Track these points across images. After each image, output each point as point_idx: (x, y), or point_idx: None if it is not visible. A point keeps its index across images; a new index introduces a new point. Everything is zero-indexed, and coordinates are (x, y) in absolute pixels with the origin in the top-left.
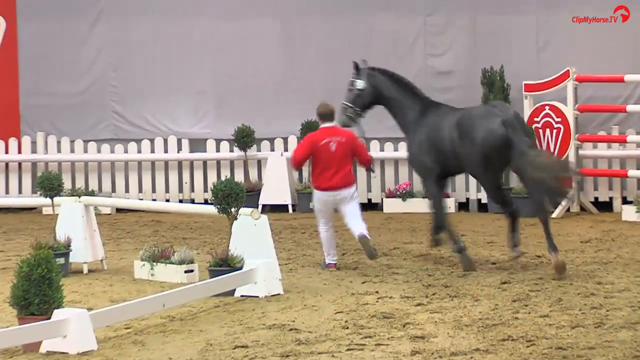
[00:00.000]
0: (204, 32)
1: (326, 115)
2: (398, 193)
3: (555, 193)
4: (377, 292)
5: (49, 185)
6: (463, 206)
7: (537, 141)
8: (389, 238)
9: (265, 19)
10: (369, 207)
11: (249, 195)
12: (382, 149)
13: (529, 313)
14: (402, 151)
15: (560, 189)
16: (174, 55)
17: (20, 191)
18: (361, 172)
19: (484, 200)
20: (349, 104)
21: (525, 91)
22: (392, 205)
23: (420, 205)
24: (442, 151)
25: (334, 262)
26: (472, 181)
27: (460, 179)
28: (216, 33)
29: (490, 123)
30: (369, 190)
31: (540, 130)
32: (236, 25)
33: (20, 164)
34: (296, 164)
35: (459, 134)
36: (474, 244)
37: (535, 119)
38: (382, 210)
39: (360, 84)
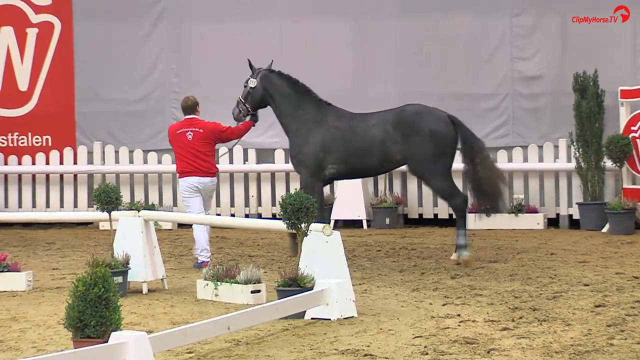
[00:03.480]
0: (270, 34)
1: (186, 107)
2: (482, 208)
3: (498, 199)
4: (459, 315)
5: (107, 198)
6: (552, 222)
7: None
8: (472, 257)
9: (336, 19)
10: (449, 223)
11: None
12: None
13: (626, 339)
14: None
15: (501, 197)
16: (239, 59)
17: (75, 205)
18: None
19: (576, 215)
20: (242, 100)
21: (621, 98)
22: (475, 221)
23: (507, 221)
24: (358, 152)
25: (207, 260)
26: (563, 196)
27: (549, 194)
28: (283, 35)
29: (439, 118)
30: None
31: (638, 141)
32: (305, 26)
33: (75, 175)
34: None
35: (403, 132)
36: (564, 263)
37: (632, 128)
38: None
39: (252, 82)
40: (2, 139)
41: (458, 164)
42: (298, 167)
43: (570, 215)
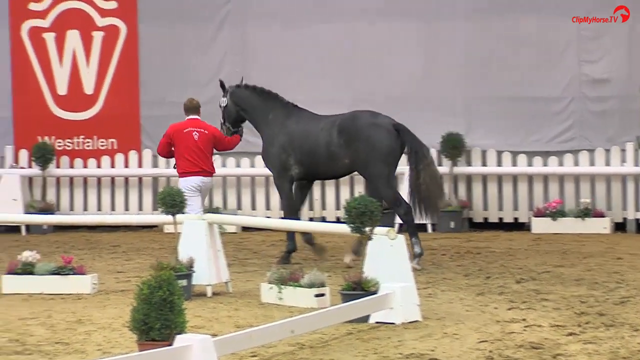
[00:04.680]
0: (336, 37)
1: (191, 107)
2: (547, 212)
3: (436, 206)
4: (524, 319)
5: (171, 201)
6: (619, 227)
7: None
8: (538, 261)
9: (403, 22)
10: (515, 227)
11: (385, 213)
12: (530, 164)
13: None
14: (553, 166)
15: (440, 204)
16: (304, 62)
17: (140, 208)
18: (505, 189)
19: None
20: (221, 120)
21: None
22: (541, 225)
23: (573, 225)
24: (310, 154)
25: None
26: (630, 200)
27: (616, 198)
28: (349, 38)
29: (383, 124)
30: (516, 208)
31: None
32: (372, 28)
33: (140, 178)
34: (160, 150)
35: (345, 136)
36: (632, 267)
37: None
38: (530, 230)
39: (223, 101)
40: (68, 142)
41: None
42: (268, 168)
43: (638, 220)
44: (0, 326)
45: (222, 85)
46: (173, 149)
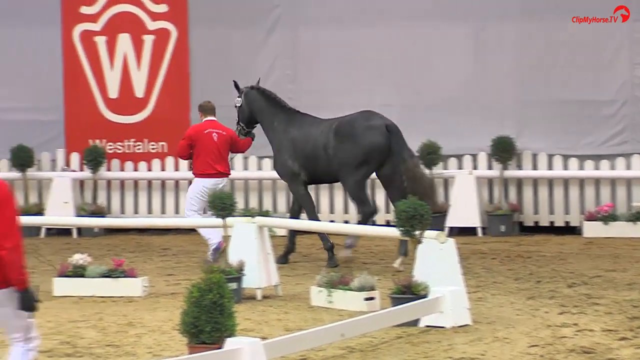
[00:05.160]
0: (386, 40)
1: (208, 109)
2: (599, 215)
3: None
4: (575, 324)
5: (221, 204)
6: None
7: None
8: (590, 265)
9: (452, 24)
10: (566, 230)
11: (435, 217)
12: (581, 167)
13: None
14: (605, 169)
15: (432, 202)
16: (354, 65)
17: None
18: (556, 192)
19: None
20: (237, 119)
21: None
22: (592, 229)
23: (625, 229)
24: (311, 158)
25: (219, 240)
26: None
27: None
28: (399, 40)
29: (373, 128)
30: (567, 212)
31: None
32: (421, 31)
33: (191, 182)
34: (180, 152)
35: (338, 139)
36: None
37: None
38: (581, 234)
39: (238, 101)
40: (119, 145)
41: None
42: (281, 177)
43: None
44: (51, 329)
45: (236, 85)
46: (192, 150)
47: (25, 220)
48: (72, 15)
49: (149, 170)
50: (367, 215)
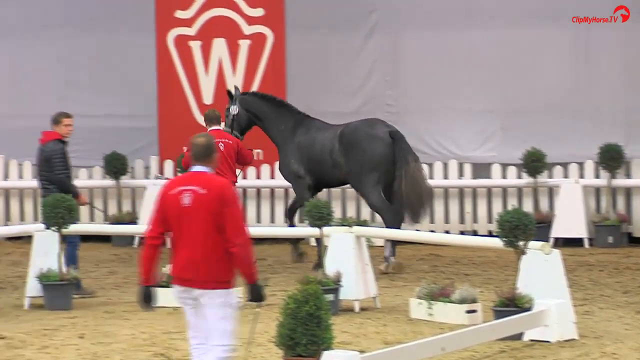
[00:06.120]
0: (487, 44)
1: (214, 118)
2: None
3: (417, 212)
4: None
5: (318, 214)
6: None
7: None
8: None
9: (557, 27)
10: None
11: (539, 227)
12: None
13: None
14: None
15: (423, 210)
16: (455, 70)
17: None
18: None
19: None
20: (229, 130)
21: None
22: None
23: None
24: (316, 162)
25: None
26: None
27: None
28: (501, 44)
29: (376, 136)
30: None
31: None
32: (525, 35)
33: (286, 189)
34: (184, 162)
35: (344, 146)
36: None
37: None
38: None
39: (234, 109)
40: None
41: None
42: (285, 179)
43: None
44: (145, 340)
45: (229, 93)
46: None
47: (118, 229)
48: (167, 20)
49: (244, 178)
50: (392, 222)
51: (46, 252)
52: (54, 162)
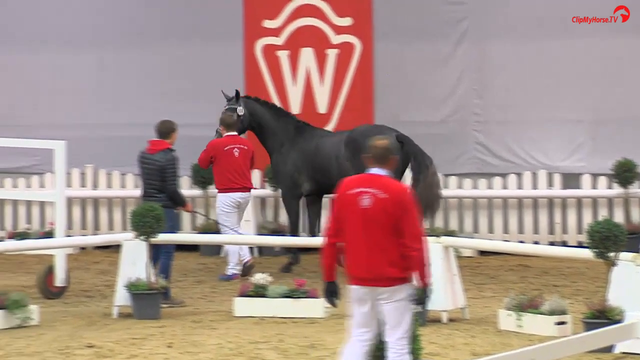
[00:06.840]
0: (576, 53)
1: (231, 124)
2: None
3: (431, 214)
4: None
5: None
6: None
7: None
8: None
9: None
10: None
11: (630, 238)
12: None
13: None
14: None
15: (429, 214)
16: (543, 79)
17: None
18: None
19: None
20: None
21: None
22: None
23: None
24: (321, 168)
25: (237, 272)
26: None
27: None
28: (590, 53)
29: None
30: None
31: None
32: (612, 43)
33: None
34: (200, 163)
35: (351, 150)
36: None
37: None
38: None
39: (240, 110)
40: None
41: None
42: (278, 186)
43: None
44: (232, 349)
45: (237, 94)
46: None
47: (206, 238)
48: (255, 29)
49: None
50: None
51: (134, 261)
52: (168, 172)
